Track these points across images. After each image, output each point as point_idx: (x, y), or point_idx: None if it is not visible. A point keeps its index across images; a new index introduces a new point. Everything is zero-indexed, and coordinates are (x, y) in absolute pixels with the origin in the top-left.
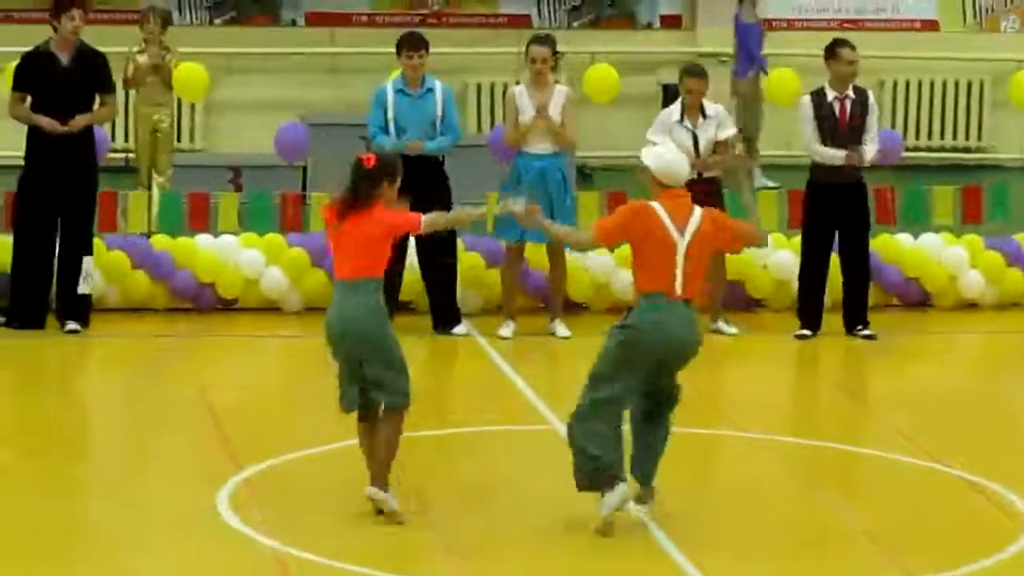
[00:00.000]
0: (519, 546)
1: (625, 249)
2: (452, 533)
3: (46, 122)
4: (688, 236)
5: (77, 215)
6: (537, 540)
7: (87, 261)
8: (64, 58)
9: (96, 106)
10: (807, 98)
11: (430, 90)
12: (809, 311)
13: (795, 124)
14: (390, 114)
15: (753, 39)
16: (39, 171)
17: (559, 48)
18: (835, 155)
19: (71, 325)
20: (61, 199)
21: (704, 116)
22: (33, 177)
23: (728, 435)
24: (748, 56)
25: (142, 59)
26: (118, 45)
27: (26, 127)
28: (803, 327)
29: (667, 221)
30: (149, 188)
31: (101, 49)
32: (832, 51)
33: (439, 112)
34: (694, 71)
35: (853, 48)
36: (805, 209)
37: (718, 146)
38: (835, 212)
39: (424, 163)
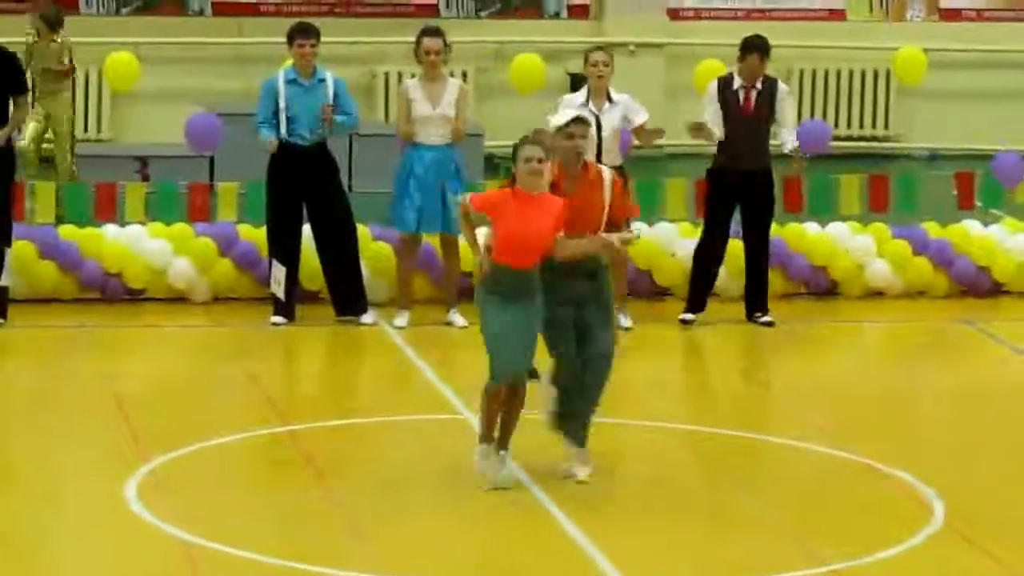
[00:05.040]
0: (427, 532)
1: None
2: (359, 519)
3: None
4: None
5: None
6: (444, 525)
7: (7, 252)
8: None
9: (11, 110)
10: (714, 83)
11: (322, 80)
12: (695, 294)
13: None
14: (281, 104)
15: None
16: None
17: (454, 39)
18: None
19: None
20: None
21: (610, 101)
22: None
23: (633, 424)
24: None
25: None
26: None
27: None
28: (687, 310)
29: None
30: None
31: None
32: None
33: (331, 102)
34: (600, 48)
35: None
36: (706, 193)
37: (636, 132)
38: (736, 197)
39: (314, 150)
